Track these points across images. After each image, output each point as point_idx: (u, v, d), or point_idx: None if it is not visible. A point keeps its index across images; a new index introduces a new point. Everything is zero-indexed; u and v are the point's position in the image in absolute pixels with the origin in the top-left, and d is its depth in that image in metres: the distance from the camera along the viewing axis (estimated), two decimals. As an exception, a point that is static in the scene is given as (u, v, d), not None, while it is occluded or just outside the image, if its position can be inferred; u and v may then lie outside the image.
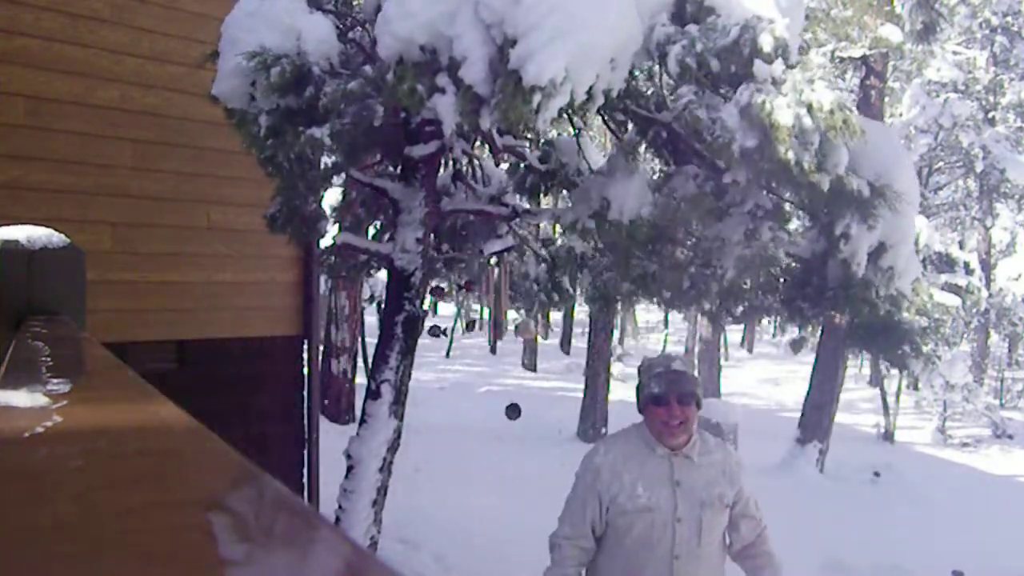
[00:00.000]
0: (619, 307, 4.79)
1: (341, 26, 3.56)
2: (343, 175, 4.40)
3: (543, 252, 5.11)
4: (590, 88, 2.72)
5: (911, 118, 16.95)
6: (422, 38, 2.80)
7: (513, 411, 11.80)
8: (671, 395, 2.43)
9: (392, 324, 3.88)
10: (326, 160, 4.38)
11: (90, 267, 1.61)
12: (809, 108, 2.81)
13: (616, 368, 17.34)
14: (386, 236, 4.67)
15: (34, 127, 4.09)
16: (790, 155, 2.79)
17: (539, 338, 21.15)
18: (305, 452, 5.18)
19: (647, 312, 31.21)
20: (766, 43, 2.80)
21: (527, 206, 4.73)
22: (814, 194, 3.07)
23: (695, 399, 2.47)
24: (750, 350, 28.66)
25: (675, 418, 2.43)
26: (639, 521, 2.45)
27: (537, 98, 2.55)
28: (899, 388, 13.62)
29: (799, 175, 2.86)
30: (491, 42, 2.69)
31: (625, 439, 2.59)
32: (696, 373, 2.64)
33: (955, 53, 18.14)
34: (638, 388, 2.56)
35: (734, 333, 28.40)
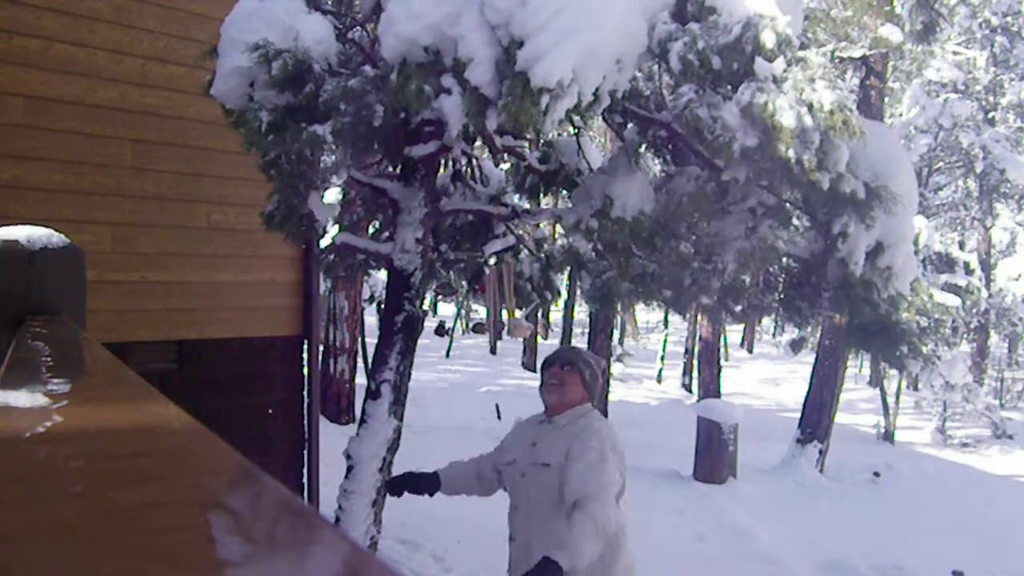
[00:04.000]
0: (619, 307, 4.79)
1: (340, 26, 3.56)
2: (343, 174, 4.40)
3: (539, 252, 5.11)
4: (596, 89, 2.72)
5: (911, 118, 16.95)
6: (426, 39, 2.80)
7: (496, 410, 11.81)
8: (556, 360, 2.82)
9: (392, 324, 3.88)
10: (326, 159, 4.38)
11: (90, 267, 1.61)
12: (810, 107, 2.81)
13: (616, 368, 17.33)
14: (384, 235, 4.67)
15: (34, 127, 4.09)
16: (791, 154, 2.79)
17: (539, 338, 21.14)
18: (305, 452, 5.18)
19: (647, 312, 31.21)
20: (768, 40, 2.80)
21: (527, 206, 4.73)
22: (813, 192, 3.07)
23: (578, 371, 2.78)
24: (750, 350, 28.65)
25: (553, 376, 2.79)
26: (506, 473, 2.86)
27: (545, 100, 2.54)
28: (899, 388, 13.61)
29: (799, 173, 2.86)
30: (497, 43, 2.68)
31: (535, 415, 2.98)
32: (600, 367, 2.86)
33: (955, 53, 18.14)
34: (541, 369, 2.89)
35: (734, 333, 28.40)
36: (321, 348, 9.58)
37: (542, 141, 4.59)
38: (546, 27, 2.55)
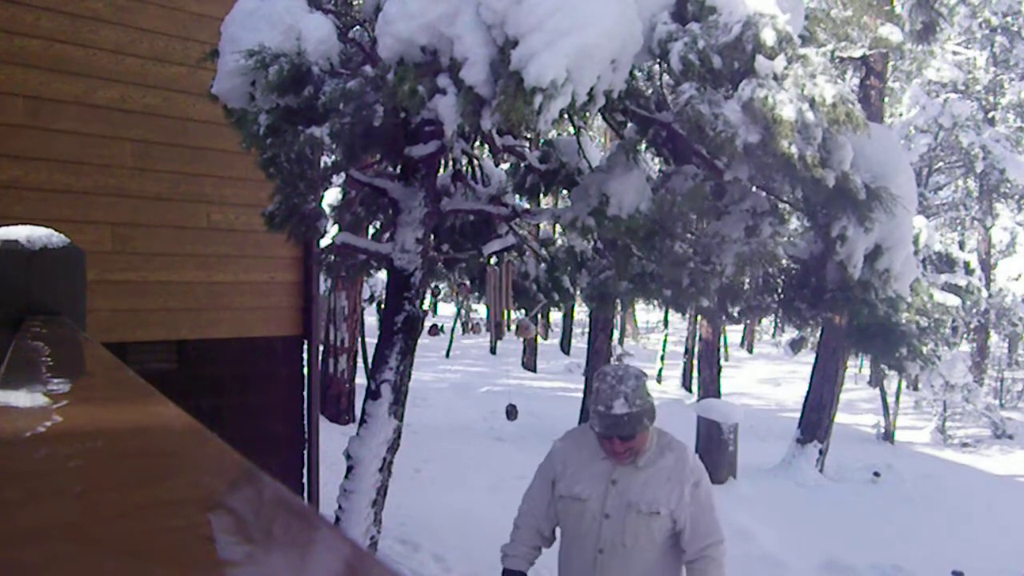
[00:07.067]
0: (618, 306, 4.79)
1: (341, 26, 3.56)
2: (343, 174, 4.40)
3: (543, 252, 5.11)
4: (591, 89, 2.72)
5: (911, 118, 16.95)
6: (423, 39, 2.80)
7: (512, 412, 11.77)
8: (613, 434, 2.46)
9: (392, 324, 3.88)
10: (326, 159, 4.38)
11: (90, 267, 1.61)
12: (812, 102, 2.80)
13: (616, 368, 17.28)
14: (385, 236, 4.67)
15: (34, 127, 4.09)
16: (793, 149, 2.78)
17: (539, 338, 21.12)
18: (305, 452, 5.18)
19: (647, 312, 31.23)
20: (768, 37, 2.80)
21: (527, 206, 4.73)
22: (816, 190, 3.06)
23: (644, 428, 2.49)
24: (750, 350, 28.65)
25: (619, 453, 2.50)
26: (572, 509, 2.56)
27: (538, 99, 2.55)
28: (899, 388, 13.61)
29: (802, 169, 2.85)
30: (492, 43, 2.68)
31: (584, 432, 2.66)
32: (647, 393, 2.55)
33: (955, 53, 18.14)
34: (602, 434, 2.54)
35: (734, 333, 28.41)
36: (321, 348, 9.58)
37: (542, 141, 4.59)
38: (540, 27, 2.55)
